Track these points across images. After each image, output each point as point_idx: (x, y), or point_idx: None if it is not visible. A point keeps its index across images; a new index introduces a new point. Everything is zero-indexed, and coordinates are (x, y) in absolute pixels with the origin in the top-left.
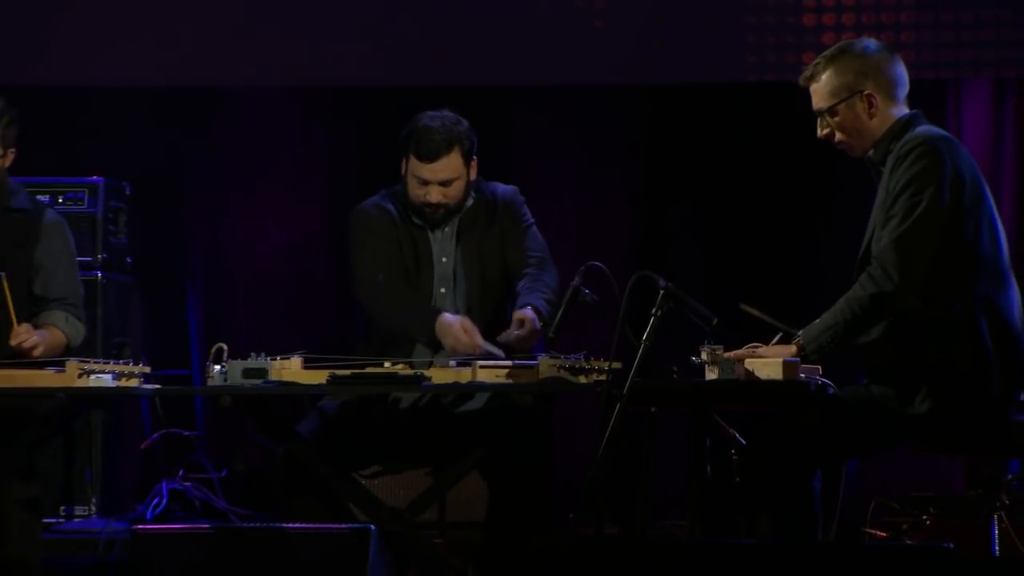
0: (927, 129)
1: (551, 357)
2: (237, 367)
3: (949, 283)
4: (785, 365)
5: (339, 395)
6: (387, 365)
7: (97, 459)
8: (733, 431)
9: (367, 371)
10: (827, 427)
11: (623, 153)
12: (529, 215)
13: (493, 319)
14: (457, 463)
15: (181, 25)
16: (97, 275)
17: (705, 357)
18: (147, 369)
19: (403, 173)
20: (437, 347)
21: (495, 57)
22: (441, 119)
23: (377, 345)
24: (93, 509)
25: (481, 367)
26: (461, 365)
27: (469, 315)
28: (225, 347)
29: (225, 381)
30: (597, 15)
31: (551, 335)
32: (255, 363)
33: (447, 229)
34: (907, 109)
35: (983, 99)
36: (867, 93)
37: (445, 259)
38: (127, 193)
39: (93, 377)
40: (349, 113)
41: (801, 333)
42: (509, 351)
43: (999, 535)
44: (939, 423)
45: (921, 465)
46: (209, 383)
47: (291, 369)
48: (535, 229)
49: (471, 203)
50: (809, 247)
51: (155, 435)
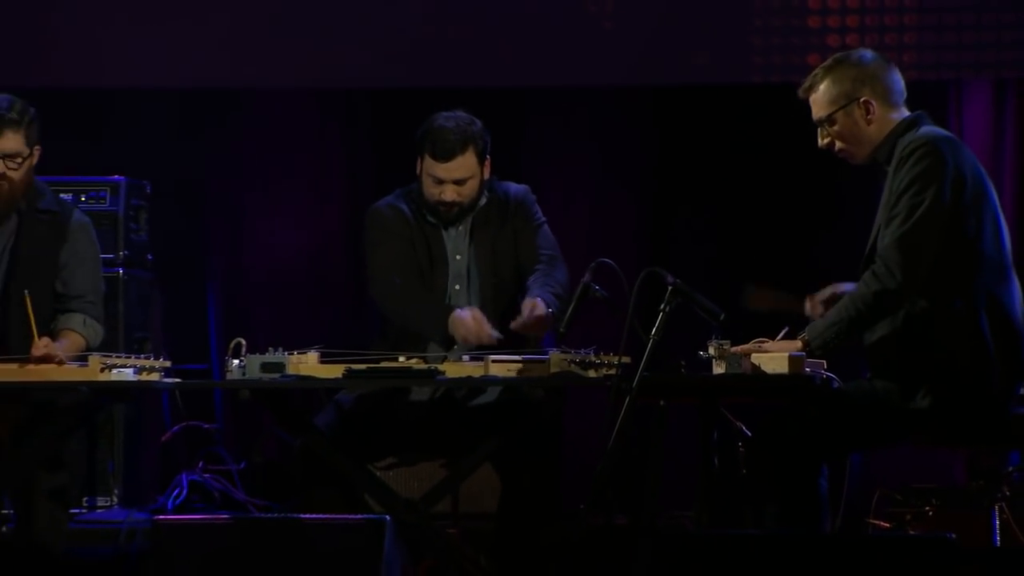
0: (930, 130)
1: (562, 352)
2: (255, 361)
3: (951, 281)
4: (791, 360)
5: (355, 389)
6: (402, 360)
7: (119, 451)
8: (740, 424)
9: (382, 365)
10: (832, 421)
11: (632, 153)
12: (540, 214)
13: (506, 316)
14: (470, 455)
15: (201, 29)
16: (119, 272)
17: (712, 352)
18: (167, 363)
19: (418, 173)
20: (450, 345)
21: (507, 59)
22: (455, 119)
23: (392, 341)
24: (115, 500)
25: (494, 362)
26: (474, 360)
27: (483, 311)
28: (244, 342)
29: (244, 375)
30: (607, 18)
31: (562, 330)
32: (273, 358)
33: (461, 228)
34: (907, 112)
35: (984, 100)
36: (864, 100)
37: (459, 257)
38: (148, 192)
39: (115, 371)
40: (365, 114)
41: (807, 329)
42: (521, 342)
43: (1000, 525)
44: (940, 417)
45: (924, 457)
46: (228, 377)
47: (308, 364)
48: (546, 227)
49: (484, 202)
50: (814, 244)
51: (175, 428)
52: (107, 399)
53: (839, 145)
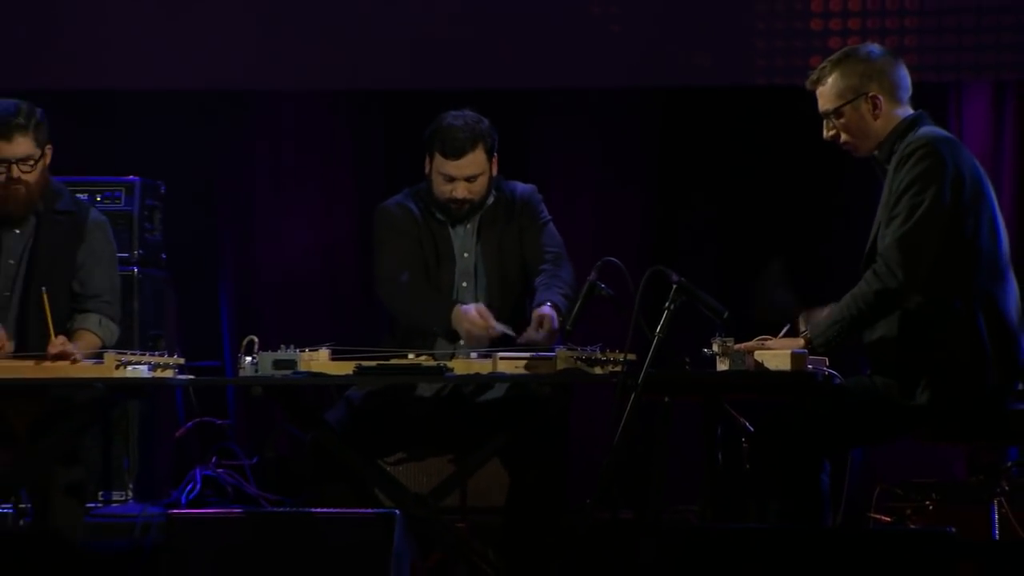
0: (930, 130)
1: (568, 349)
2: (268, 358)
3: (949, 280)
4: (793, 356)
5: (365, 385)
6: (411, 356)
7: (134, 447)
8: (743, 420)
9: (392, 362)
10: (833, 417)
11: (637, 153)
12: (546, 213)
13: (512, 313)
14: (478, 451)
15: (215, 31)
16: (133, 270)
17: (716, 349)
18: (181, 360)
19: (427, 172)
20: (455, 339)
21: (514, 61)
22: (464, 118)
23: (401, 338)
24: (130, 494)
25: (501, 359)
26: (482, 357)
27: (489, 308)
28: (256, 339)
29: (256, 372)
30: (612, 20)
31: (568, 328)
32: (285, 355)
33: (468, 226)
34: (911, 110)
35: (983, 102)
36: (871, 95)
37: (466, 254)
38: (162, 192)
39: (130, 368)
40: (375, 115)
41: (809, 327)
42: (528, 346)
43: (999, 520)
44: (939, 413)
45: (924, 452)
46: (241, 374)
47: (319, 361)
48: (552, 226)
49: (491, 201)
50: (815, 243)
51: (189, 424)
52: (122, 395)
53: (844, 138)
